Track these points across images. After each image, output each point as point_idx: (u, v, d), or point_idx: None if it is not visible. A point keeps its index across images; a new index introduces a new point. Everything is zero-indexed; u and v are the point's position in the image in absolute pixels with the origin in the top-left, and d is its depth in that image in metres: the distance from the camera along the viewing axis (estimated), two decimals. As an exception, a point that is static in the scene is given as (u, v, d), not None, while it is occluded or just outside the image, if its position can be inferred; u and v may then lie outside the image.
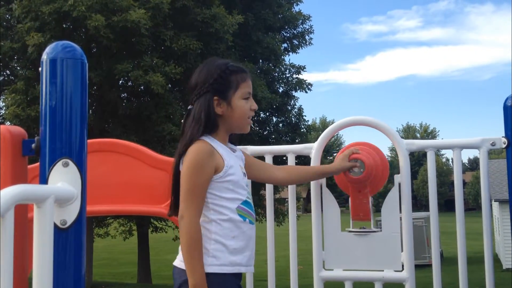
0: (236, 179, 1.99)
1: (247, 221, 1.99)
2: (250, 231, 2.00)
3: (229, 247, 1.93)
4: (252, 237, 2.02)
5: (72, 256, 1.29)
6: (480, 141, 2.37)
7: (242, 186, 2.01)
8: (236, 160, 2.05)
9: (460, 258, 2.41)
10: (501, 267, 19.43)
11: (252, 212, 2.04)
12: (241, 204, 1.99)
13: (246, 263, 1.99)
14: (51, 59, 1.35)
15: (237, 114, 2.03)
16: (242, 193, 2.00)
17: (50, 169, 1.31)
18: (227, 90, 2.02)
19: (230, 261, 1.93)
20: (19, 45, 13.64)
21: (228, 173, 1.96)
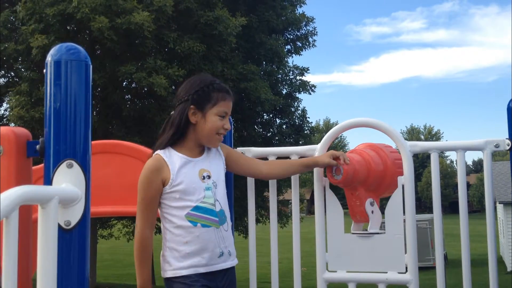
0: (183, 188, 2.12)
1: (199, 226, 2.11)
2: (205, 234, 2.12)
3: (182, 252, 2.11)
4: (209, 239, 2.13)
5: (76, 256, 1.29)
6: (483, 143, 2.37)
7: (192, 192, 2.13)
8: (192, 166, 2.17)
9: (464, 260, 2.40)
10: (505, 269, 19.36)
11: (208, 216, 2.14)
12: (191, 210, 2.12)
13: (206, 263, 2.13)
14: (55, 61, 1.36)
15: (208, 127, 2.19)
16: (192, 199, 2.13)
17: (54, 170, 1.32)
18: (205, 103, 2.19)
19: (184, 265, 2.11)
20: (23, 47, 13.69)
21: (173, 185, 2.12)
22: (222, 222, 2.19)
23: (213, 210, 2.16)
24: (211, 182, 2.20)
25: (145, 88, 14.40)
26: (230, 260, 2.23)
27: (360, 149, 2.52)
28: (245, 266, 2.62)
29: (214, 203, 2.17)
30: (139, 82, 13.51)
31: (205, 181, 2.18)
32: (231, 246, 2.24)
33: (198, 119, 2.20)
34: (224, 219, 2.21)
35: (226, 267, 2.20)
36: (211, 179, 2.21)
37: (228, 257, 2.21)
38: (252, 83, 15.55)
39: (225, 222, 2.21)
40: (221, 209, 2.20)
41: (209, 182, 2.19)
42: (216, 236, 2.16)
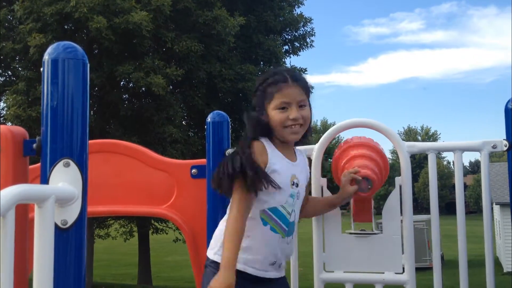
0: (278, 179, 2.04)
1: (268, 227, 2.05)
2: (270, 237, 2.05)
3: (242, 244, 2.00)
4: (270, 245, 2.05)
5: (73, 256, 1.29)
6: (481, 143, 2.37)
7: (279, 192, 2.04)
8: (288, 167, 2.10)
9: (461, 261, 2.40)
10: (501, 270, 19.39)
11: (281, 222, 2.07)
12: (268, 209, 2.05)
13: (254, 265, 2.04)
14: (52, 60, 1.35)
15: (273, 123, 2.12)
16: (275, 198, 2.05)
17: (51, 169, 1.31)
18: (263, 102, 2.14)
19: (239, 257, 1.98)
20: (20, 46, 13.67)
21: (271, 168, 2.04)
22: (289, 234, 2.12)
23: (287, 219, 2.09)
24: (296, 191, 2.13)
25: (143, 88, 14.38)
26: (279, 271, 2.14)
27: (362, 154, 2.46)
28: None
29: (290, 213, 2.10)
30: (137, 81, 13.50)
31: (293, 187, 2.11)
32: (284, 260, 2.17)
33: (266, 117, 2.13)
34: (292, 231, 2.13)
35: (271, 277, 2.11)
36: (298, 188, 2.14)
37: (277, 269, 2.12)
38: (250, 83, 15.53)
39: (291, 236, 2.13)
40: (293, 221, 2.13)
41: (295, 191, 2.12)
42: (278, 245, 2.08)
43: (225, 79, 15.29)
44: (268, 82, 2.13)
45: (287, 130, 2.11)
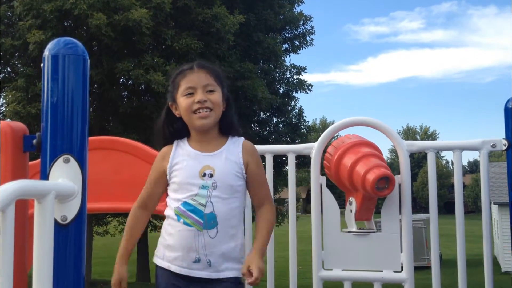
0: (178, 181, 2.07)
1: (181, 222, 2.04)
2: (185, 232, 2.02)
3: (164, 242, 2.08)
4: (187, 240, 2.01)
5: (72, 251, 1.29)
6: (480, 142, 2.37)
7: (186, 188, 2.05)
8: (198, 159, 2.09)
9: (460, 261, 2.41)
10: (499, 270, 19.42)
11: (194, 215, 2.02)
12: (180, 204, 2.05)
13: (179, 264, 2.04)
14: (53, 55, 1.35)
15: (182, 112, 2.13)
16: (183, 194, 2.06)
17: (51, 165, 1.31)
18: (174, 93, 2.16)
19: (164, 255, 2.08)
20: (20, 43, 13.64)
21: (170, 176, 2.10)
22: (209, 227, 2.02)
23: (201, 211, 2.02)
24: (210, 181, 2.05)
25: (142, 85, 14.37)
26: (210, 271, 2.02)
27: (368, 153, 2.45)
28: (241, 264, 2.61)
29: (205, 204, 2.03)
30: (137, 79, 13.48)
31: (204, 179, 2.06)
32: (215, 256, 2.02)
33: (178, 110, 2.15)
34: (213, 224, 2.02)
35: (202, 276, 2.02)
36: (213, 178, 2.06)
37: (206, 267, 2.02)
38: (249, 81, 15.54)
39: (213, 228, 2.02)
40: (211, 212, 2.03)
41: (208, 182, 2.05)
42: (195, 239, 2.01)
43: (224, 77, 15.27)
44: (176, 74, 2.17)
45: (194, 116, 2.08)
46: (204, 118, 2.08)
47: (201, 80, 2.10)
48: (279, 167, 16.61)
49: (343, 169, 2.46)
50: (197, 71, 2.12)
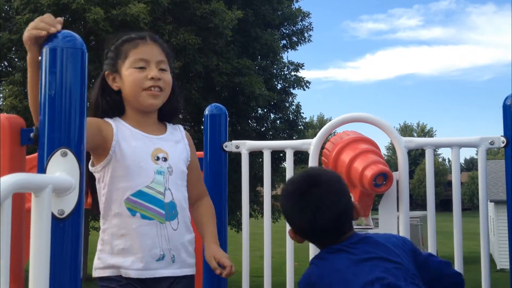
0: (128, 163, 1.74)
1: (138, 216, 1.73)
2: (144, 228, 1.73)
3: (115, 247, 1.73)
4: (148, 235, 1.73)
5: (69, 246, 1.28)
6: (479, 140, 2.37)
7: (138, 172, 1.75)
8: (146, 142, 1.81)
9: (457, 258, 2.41)
10: (495, 267, 19.50)
11: (152, 205, 1.75)
12: (131, 195, 1.73)
13: (141, 267, 1.72)
14: (51, 49, 1.34)
15: (127, 85, 1.81)
16: (136, 181, 1.74)
17: (48, 158, 1.30)
18: (117, 62, 1.83)
19: (114, 263, 1.73)
20: (17, 37, 13.58)
21: (115, 158, 1.73)
22: (171, 218, 1.79)
23: (160, 200, 1.77)
24: (166, 166, 1.81)
25: (140, 80, 14.34)
26: (174, 267, 1.79)
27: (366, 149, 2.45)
28: (238, 260, 2.62)
29: (163, 192, 1.78)
30: (134, 74, 13.46)
31: (158, 163, 1.80)
32: (179, 251, 1.81)
33: (119, 82, 1.83)
34: (174, 214, 1.80)
35: (167, 275, 1.78)
36: (167, 162, 1.82)
37: (170, 264, 1.78)
38: (247, 77, 15.53)
39: (175, 219, 1.80)
40: (171, 201, 1.80)
41: (163, 166, 1.80)
42: (158, 233, 1.75)
43: (222, 73, 15.26)
44: (123, 40, 1.86)
45: (144, 93, 1.80)
46: (155, 98, 1.82)
47: (155, 55, 1.84)
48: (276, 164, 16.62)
49: (341, 165, 2.46)
50: (150, 43, 1.86)
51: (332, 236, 1.70)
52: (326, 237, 1.71)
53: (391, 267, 1.63)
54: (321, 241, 1.77)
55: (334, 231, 1.70)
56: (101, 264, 1.76)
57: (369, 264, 1.63)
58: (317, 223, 1.68)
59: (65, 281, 1.27)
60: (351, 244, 1.68)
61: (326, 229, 1.69)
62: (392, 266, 1.64)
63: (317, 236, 1.75)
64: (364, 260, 1.64)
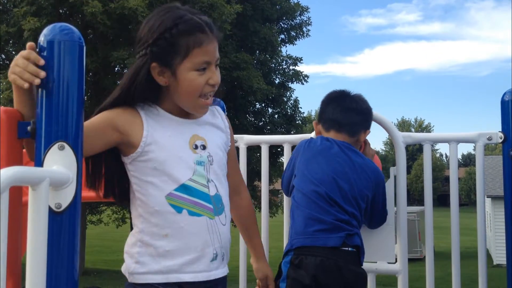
0: (164, 156, 1.54)
1: (185, 213, 1.54)
2: (194, 225, 1.54)
3: (160, 249, 1.53)
4: (199, 234, 1.55)
5: (66, 239, 1.28)
6: (476, 135, 2.37)
7: (177, 165, 1.55)
8: (183, 130, 1.60)
9: (454, 253, 2.41)
10: (491, 262, 19.58)
11: (199, 200, 1.56)
12: (175, 190, 1.54)
13: (193, 269, 1.55)
14: (48, 41, 1.34)
15: (183, 89, 1.56)
16: (176, 174, 1.54)
17: (45, 152, 1.30)
18: (172, 57, 1.54)
19: (161, 268, 1.53)
20: (14, 30, 13.56)
21: (146, 148, 1.54)
22: (219, 212, 1.60)
23: (206, 194, 1.57)
24: (205, 155, 1.60)
25: (138, 74, 14.31)
26: (222, 266, 1.64)
27: None
28: (235, 254, 2.62)
29: (207, 184, 1.58)
30: (132, 67, 13.43)
31: (197, 152, 1.59)
32: (228, 248, 1.65)
33: (169, 79, 1.56)
34: (221, 208, 1.61)
35: (220, 276, 1.62)
36: (206, 150, 1.61)
37: (221, 263, 1.62)
38: (245, 72, 15.53)
39: (223, 213, 1.61)
40: (217, 193, 1.61)
41: (203, 155, 1.59)
42: (210, 230, 1.57)
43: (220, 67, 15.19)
44: (180, 29, 1.53)
45: (199, 102, 1.57)
46: (207, 106, 1.64)
47: (216, 52, 1.59)
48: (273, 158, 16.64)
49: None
50: (212, 38, 1.57)
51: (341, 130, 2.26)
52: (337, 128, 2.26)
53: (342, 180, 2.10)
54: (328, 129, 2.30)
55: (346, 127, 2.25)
56: (143, 269, 1.54)
57: (330, 161, 2.13)
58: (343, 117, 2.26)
59: (62, 275, 1.27)
60: (342, 144, 2.20)
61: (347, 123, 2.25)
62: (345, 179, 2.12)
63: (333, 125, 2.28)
64: (331, 156, 2.15)
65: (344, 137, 2.26)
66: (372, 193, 2.20)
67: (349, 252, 2.05)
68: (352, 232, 2.09)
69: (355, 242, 2.09)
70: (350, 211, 2.10)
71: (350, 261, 2.00)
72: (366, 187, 2.16)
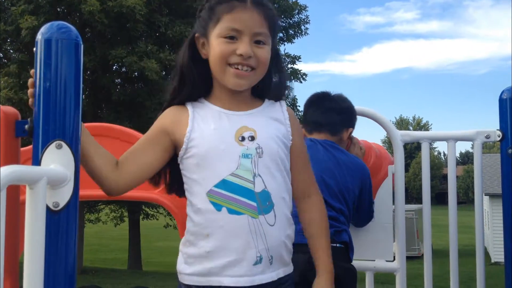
0: (204, 150, 1.47)
1: (224, 211, 1.44)
2: (233, 225, 1.43)
3: (201, 249, 1.47)
4: (239, 234, 1.44)
5: (64, 238, 1.28)
6: (474, 133, 2.37)
7: (219, 158, 1.46)
8: (230, 122, 1.52)
9: (452, 251, 2.42)
10: (489, 260, 19.62)
11: (240, 197, 1.45)
12: (215, 186, 1.45)
13: (231, 273, 1.44)
14: (46, 40, 1.33)
15: (212, 58, 1.51)
16: (216, 169, 1.46)
17: (43, 150, 1.30)
18: (208, 24, 1.52)
19: (203, 269, 1.47)
20: (12, 28, 13.52)
21: (191, 145, 1.49)
22: (265, 211, 1.46)
23: (250, 190, 1.45)
24: (253, 146, 1.48)
25: (136, 73, 14.30)
26: (272, 270, 1.48)
27: None
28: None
29: (252, 180, 1.46)
30: (130, 66, 13.42)
31: (244, 143, 1.48)
32: (278, 250, 1.49)
33: (207, 50, 1.54)
34: (268, 206, 1.47)
35: (267, 281, 1.47)
36: (255, 142, 1.49)
37: (268, 266, 1.47)
38: (243, 70, 15.50)
39: (270, 212, 1.47)
40: (264, 190, 1.47)
41: (250, 147, 1.47)
42: (253, 230, 1.44)
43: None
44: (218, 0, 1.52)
45: (229, 70, 1.49)
46: (242, 78, 1.50)
47: (254, 24, 1.48)
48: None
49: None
50: (250, 8, 1.49)
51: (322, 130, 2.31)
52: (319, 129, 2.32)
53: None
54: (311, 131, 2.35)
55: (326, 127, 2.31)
56: (189, 270, 1.50)
57: (315, 159, 1.99)
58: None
59: (60, 274, 1.27)
60: (324, 142, 2.26)
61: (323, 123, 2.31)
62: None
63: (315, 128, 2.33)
64: (316, 155, 2.12)
65: (326, 137, 2.30)
66: (359, 190, 2.23)
67: (337, 249, 2.05)
68: (340, 228, 2.10)
69: (343, 238, 2.11)
70: (338, 207, 2.13)
71: (338, 257, 1.98)
72: (352, 183, 2.19)
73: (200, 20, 1.56)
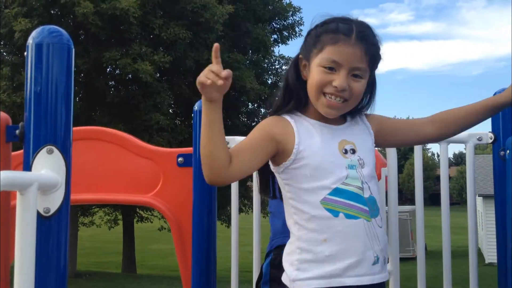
0: (317, 162, 1.57)
1: (342, 216, 1.54)
2: (351, 228, 1.54)
3: (319, 254, 1.54)
4: (357, 237, 1.54)
5: (55, 244, 1.27)
6: (467, 135, 2.38)
7: (330, 170, 1.57)
8: (333, 136, 1.63)
9: (445, 252, 2.42)
10: (483, 261, 19.69)
11: (355, 203, 1.56)
12: (329, 194, 1.55)
13: (354, 273, 1.53)
14: (37, 44, 1.33)
15: (309, 83, 1.62)
16: (329, 179, 1.56)
17: (34, 155, 1.29)
18: (311, 51, 1.62)
19: (322, 273, 1.53)
20: (5, 31, 13.47)
21: (299, 156, 1.58)
22: (375, 214, 1.58)
23: (361, 196, 1.57)
24: (356, 158, 1.61)
25: (130, 75, 14.28)
26: (384, 270, 1.61)
27: None
28: (227, 255, 2.62)
29: (361, 186, 1.58)
30: (124, 68, 13.40)
31: (347, 156, 1.61)
32: (385, 251, 1.63)
33: (307, 73, 1.65)
34: (376, 210, 1.60)
35: (381, 281, 1.59)
36: (356, 154, 1.62)
37: (382, 266, 1.59)
38: (238, 72, 15.50)
39: (378, 215, 1.60)
40: (371, 196, 1.60)
41: (353, 159, 1.61)
42: (368, 232, 1.55)
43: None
44: (327, 28, 1.60)
45: (322, 99, 1.59)
46: (333, 108, 1.60)
47: (354, 59, 1.56)
48: (266, 158, 16.60)
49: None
50: (354, 44, 1.56)
51: None
52: None
53: None
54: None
55: None
56: (304, 275, 1.55)
57: None
58: None
59: (50, 280, 1.26)
60: None
61: None
62: None
63: None
64: None
65: None
66: None
67: None
68: None
69: None
70: None
71: None
72: None
73: (306, 43, 1.67)
